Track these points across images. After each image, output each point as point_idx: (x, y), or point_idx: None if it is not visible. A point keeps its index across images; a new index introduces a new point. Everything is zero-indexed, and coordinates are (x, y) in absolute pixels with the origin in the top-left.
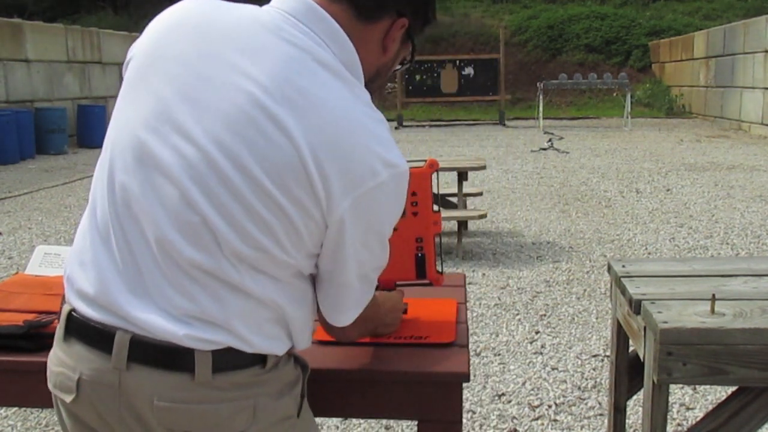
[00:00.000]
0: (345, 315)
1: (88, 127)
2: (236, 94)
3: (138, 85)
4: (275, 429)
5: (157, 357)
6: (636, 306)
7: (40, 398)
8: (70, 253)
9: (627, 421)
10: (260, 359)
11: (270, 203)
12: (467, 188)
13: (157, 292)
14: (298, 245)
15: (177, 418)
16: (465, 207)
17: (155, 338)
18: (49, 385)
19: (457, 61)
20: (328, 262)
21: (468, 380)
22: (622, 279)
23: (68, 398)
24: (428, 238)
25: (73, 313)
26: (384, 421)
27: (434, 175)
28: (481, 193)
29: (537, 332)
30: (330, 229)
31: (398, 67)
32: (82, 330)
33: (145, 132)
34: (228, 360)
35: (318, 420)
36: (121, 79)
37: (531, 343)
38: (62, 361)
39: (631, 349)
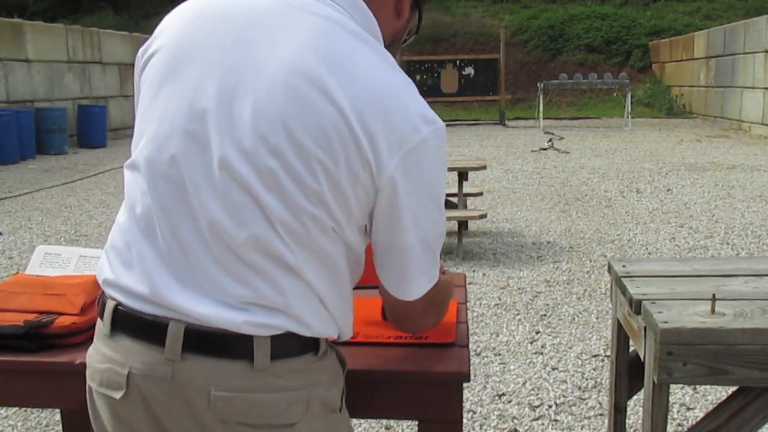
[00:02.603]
0: (411, 285)
1: (89, 127)
2: (275, 68)
3: (171, 77)
4: (323, 421)
5: (214, 345)
6: (636, 306)
7: (41, 398)
8: (108, 253)
9: (627, 421)
10: (313, 346)
11: (319, 170)
12: (467, 188)
13: (209, 283)
14: (347, 214)
15: (234, 408)
16: (465, 207)
17: (211, 326)
18: (93, 384)
19: (457, 61)
20: (385, 232)
21: (468, 380)
22: (622, 279)
23: (117, 395)
24: None
25: (119, 307)
26: (384, 421)
27: None
28: (481, 193)
29: (537, 332)
30: (381, 193)
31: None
32: (131, 323)
33: (190, 122)
34: (285, 346)
35: None
36: (123, 77)
37: (531, 343)
38: (109, 357)
39: (631, 349)
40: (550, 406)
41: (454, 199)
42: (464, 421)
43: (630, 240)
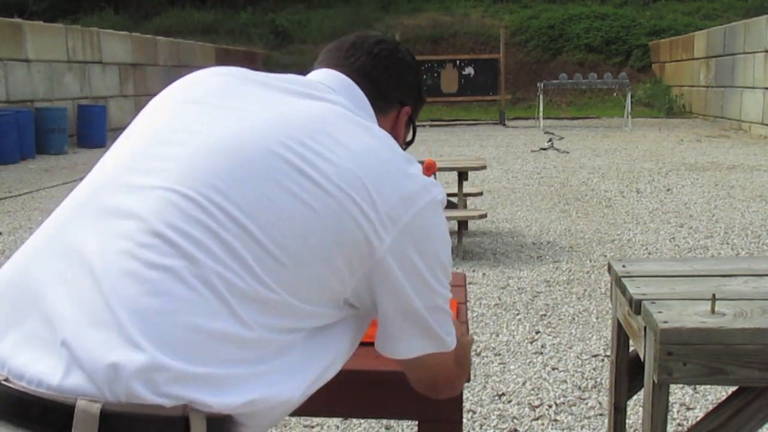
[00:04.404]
0: (396, 345)
1: (88, 127)
2: (248, 126)
3: (126, 137)
4: None
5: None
6: (636, 306)
7: None
8: None
9: (627, 421)
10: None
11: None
12: (467, 188)
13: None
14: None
15: None
16: (465, 207)
17: (133, 407)
18: None
19: (457, 61)
20: (388, 301)
21: (468, 380)
22: (622, 279)
23: None
24: None
25: (4, 383)
26: (384, 421)
27: (432, 177)
28: (481, 193)
29: (537, 332)
30: (384, 261)
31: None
32: (19, 406)
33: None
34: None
35: (318, 420)
36: (123, 77)
37: (531, 343)
38: None
39: (631, 349)
40: (550, 406)
41: (454, 199)
42: (464, 421)
43: (630, 240)
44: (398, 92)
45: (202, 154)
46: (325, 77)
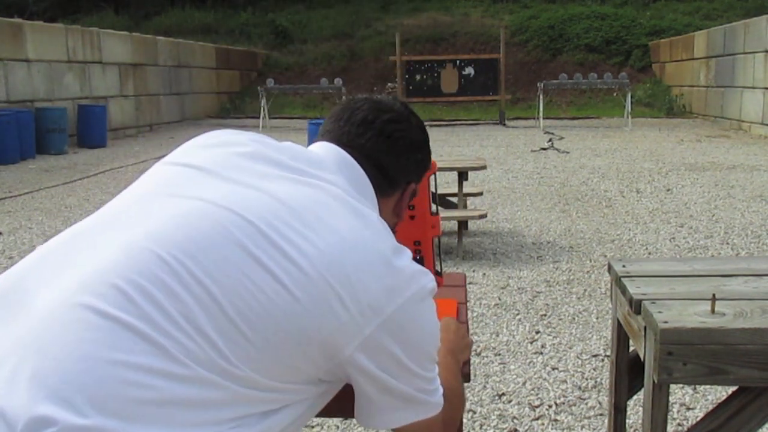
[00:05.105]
0: (383, 418)
1: (89, 127)
2: (222, 201)
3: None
4: None
5: None
6: (636, 306)
7: None
8: None
9: (627, 421)
10: None
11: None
12: (467, 188)
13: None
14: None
15: None
16: (465, 207)
17: None
18: None
19: (457, 61)
20: (367, 385)
21: (468, 380)
22: (622, 279)
23: None
24: (426, 242)
25: None
26: None
27: (432, 177)
28: (481, 193)
29: (537, 332)
30: (355, 357)
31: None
32: None
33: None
34: None
35: (318, 420)
36: (123, 77)
37: (531, 343)
38: None
39: (631, 349)
40: (550, 406)
41: (454, 199)
42: (464, 421)
43: (630, 240)
44: (406, 176)
45: (179, 218)
46: (329, 155)
